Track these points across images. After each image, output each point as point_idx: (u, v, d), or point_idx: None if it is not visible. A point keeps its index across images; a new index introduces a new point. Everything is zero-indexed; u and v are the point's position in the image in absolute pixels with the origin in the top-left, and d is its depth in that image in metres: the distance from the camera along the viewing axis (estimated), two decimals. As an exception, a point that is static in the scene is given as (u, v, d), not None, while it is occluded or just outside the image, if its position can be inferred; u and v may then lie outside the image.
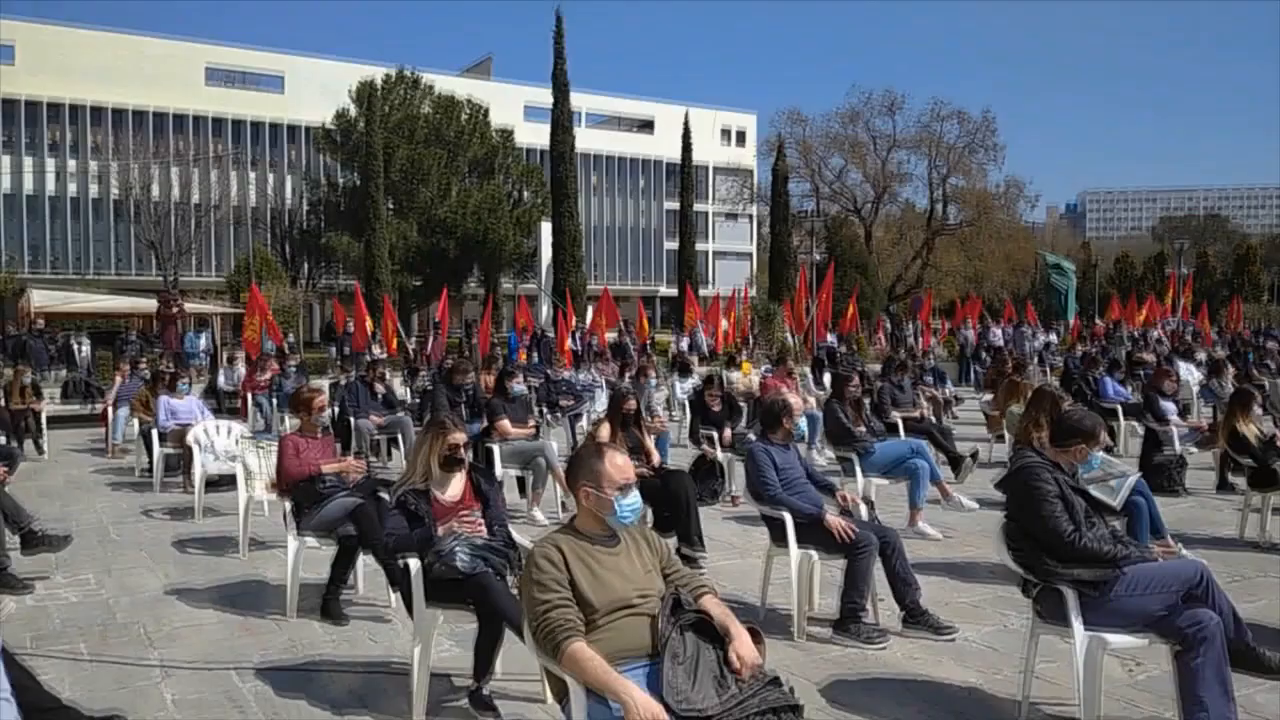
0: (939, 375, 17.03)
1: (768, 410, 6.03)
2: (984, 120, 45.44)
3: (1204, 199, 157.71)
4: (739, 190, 53.80)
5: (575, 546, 3.17)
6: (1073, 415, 4.34)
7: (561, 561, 3.09)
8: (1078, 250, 75.97)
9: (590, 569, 3.13)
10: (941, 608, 5.72)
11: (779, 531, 5.58)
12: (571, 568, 3.09)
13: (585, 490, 3.23)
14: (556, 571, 3.06)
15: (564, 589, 3.04)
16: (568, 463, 3.38)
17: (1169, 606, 3.83)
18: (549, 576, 3.05)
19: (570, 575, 3.07)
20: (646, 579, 3.21)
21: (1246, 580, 6.43)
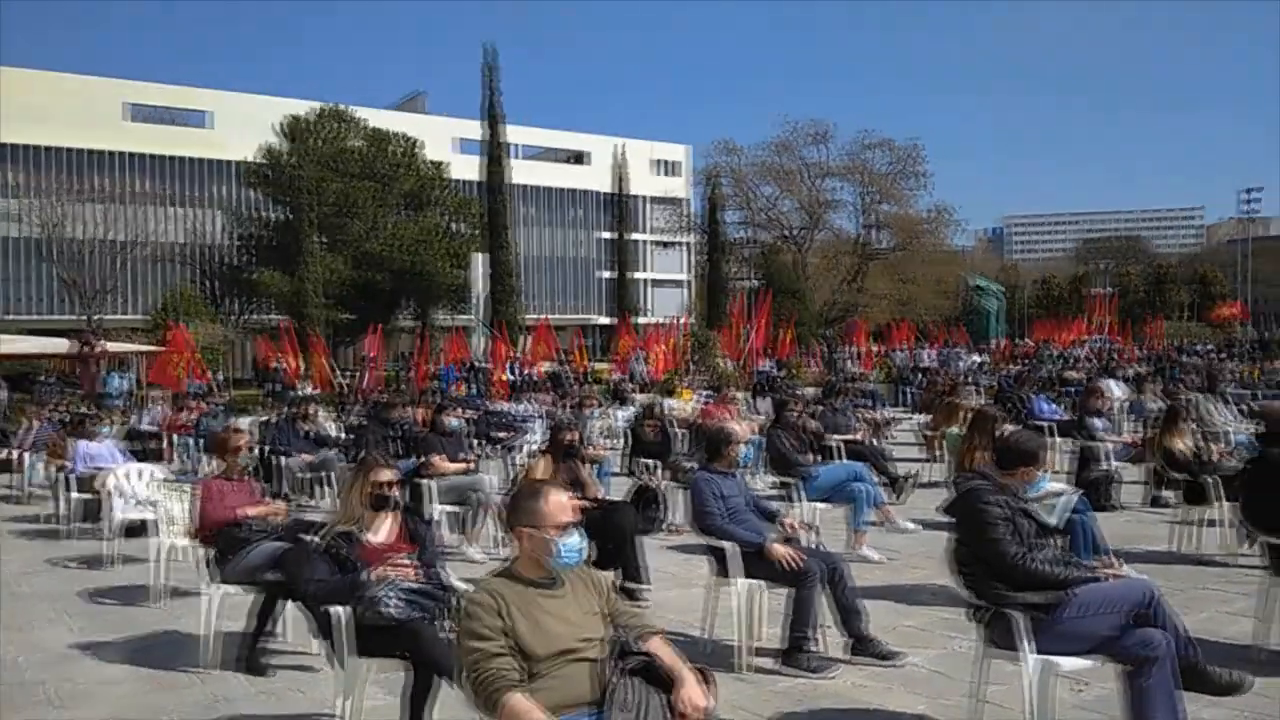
0: (874, 397, 17.17)
1: (711, 439, 5.92)
2: (911, 148, 46.50)
3: (1123, 221, 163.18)
4: (674, 220, 54.12)
5: (514, 591, 3.00)
6: (1017, 438, 4.30)
7: (499, 608, 2.92)
8: (1002, 273, 77.85)
9: (530, 615, 2.95)
10: (888, 633, 5.64)
11: (723, 562, 5.45)
12: (510, 615, 2.92)
13: (524, 532, 3.06)
14: (493, 619, 2.89)
15: (501, 637, 2.87)
16: (506, 503, 3.21)
17: (1118, 628, 3.78)
18: (485, 624, 2.87)
19: (509, 623, 2.90)
20: (589, 623, 3.04)
21: (1184, 594, 6.46)
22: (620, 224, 52.66)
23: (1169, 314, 60.63)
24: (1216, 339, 42.40)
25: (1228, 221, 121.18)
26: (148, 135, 52.77)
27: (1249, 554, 7.24)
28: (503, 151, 40.34)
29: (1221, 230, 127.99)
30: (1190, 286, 72.40)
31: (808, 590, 5.11)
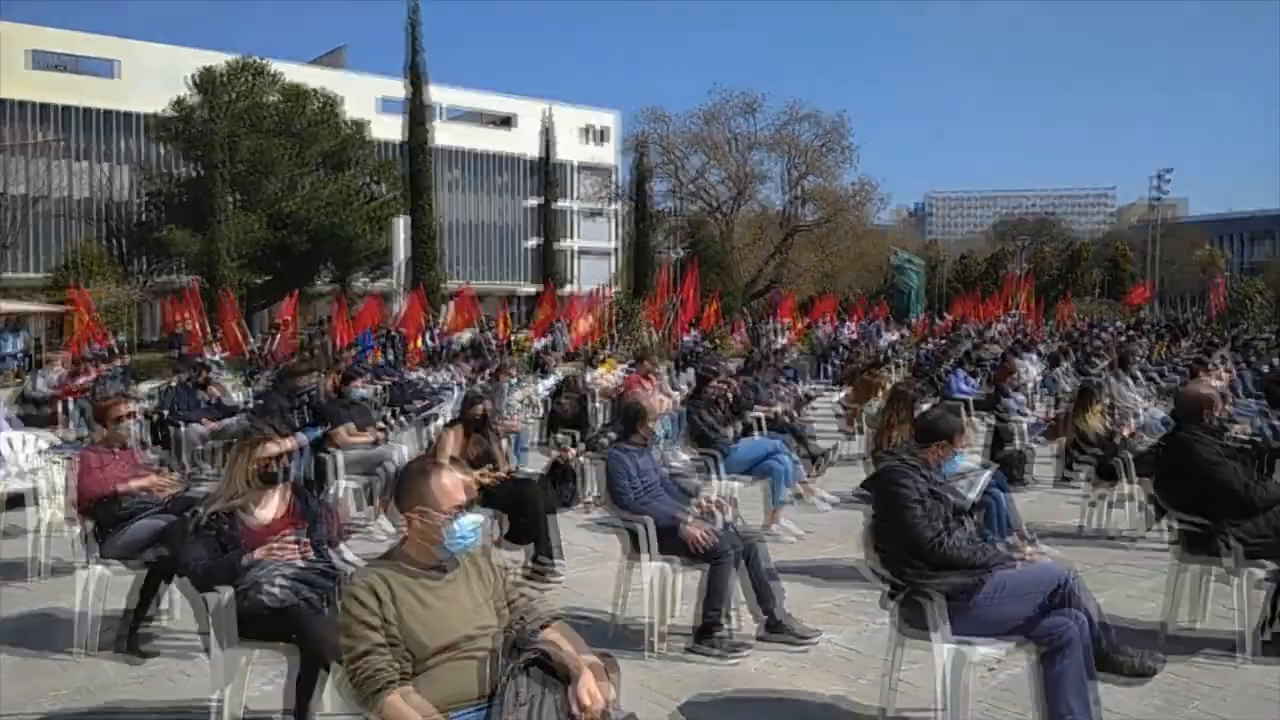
0: (796, 371, 17.19)
1: (626, 414, 5.73)
2: (838, 122, 46.68)
3: (1039, 200, 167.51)
4: (601, 188, 53.61)
5: (399, 579, 2.76)
6: (933, 416, 4.20)
7: (381, 597, 2.68)
8: (924, 249, 79.25)
9: (416, 605, 2.72)
10: (802, 612, 5.55)
11: (636, 540, 5.28)
12: (393, 604, 2.68)
13: (413, 515, 2.82)
14: (374, 610, 2.65)
15: (382, 630, 2.64)
16: (392, 484, 2.96)
17: (1033, 612, 3.72)
18: (364, 616, 2.64)
19: (391, 614, 2.67)
20: (483, 612, 2.83)
21: (1093, 572, 6.49)
22: (547, 191, 51.93)
23: (1082, 293, 62.51)
24: (1126, 318, 43.80)
25: (1138, 203, 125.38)
26: (50, 84, 50.05)
27: (1157, 533, 7.36)
28: (426, 112, 39.29)
29: (1133, 212, 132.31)
30: (1102, 266, 74.64)
31: (722, 570, 4.98)
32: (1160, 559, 6.72)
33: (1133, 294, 43.57)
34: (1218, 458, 4.91)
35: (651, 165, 47.43)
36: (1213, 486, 4.85)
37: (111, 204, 49.58)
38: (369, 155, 45.94)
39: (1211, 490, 4.86)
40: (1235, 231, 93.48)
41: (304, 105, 42.70)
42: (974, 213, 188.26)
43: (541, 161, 53.43)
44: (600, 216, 64.52)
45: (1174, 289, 77.23)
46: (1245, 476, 4.86)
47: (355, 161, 44.82)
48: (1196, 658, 4.78)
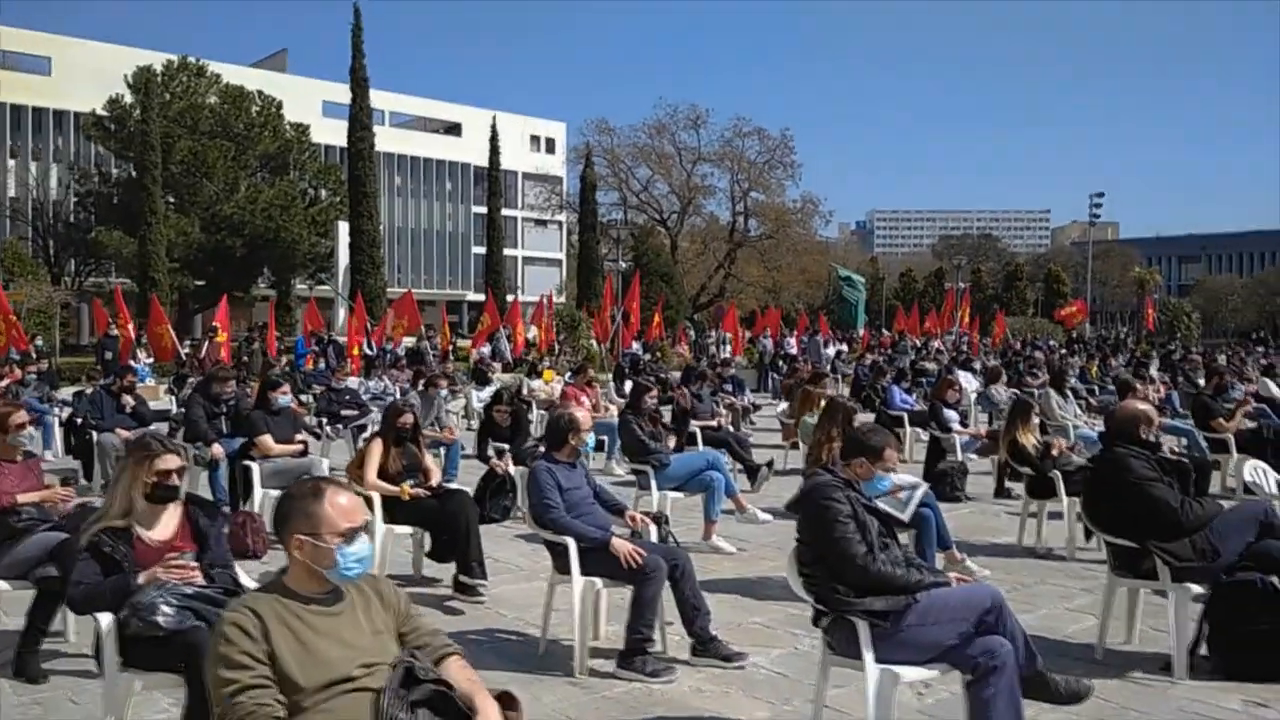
0: (738, 384, 17.13)
1: (553, 426, 5.53)
2: (783, 139, 47.01)
3: (978, 220, 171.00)
4: (548, 197, 53.33)
5: (280, 609, 2.53)
6: (861, 431, 4.08)
7: (258, 630, 2.45)
8: (867, 265, 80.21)
9: (299, 637, 2.50)
10: (732, 631, 5.42)
11: (562, 558, 5.09)
12: (272, 637, 2.46)
13: (299, 540, 2.60)
14: (250, 643, 2.42)
15: (259, 665, 2.41)
16: (279, 505, 2.72)
17: (962, 635, 3.61)
18: (240, 650, 2.41)
19: (270, 647, 2.44)
20: (375, 644, 2.61)
21: (1026, 589, 6.49)
22: (493, 199, 51.46)
23: (1019, 310, 63.70)
24: (1061, 336, 44.66)
25: (1073, 224, 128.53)
26: (-20, 79, 48.54)
27: (1090, 549, 7.36)
28: (368, 116, 38.70)
29: (1067, 232, 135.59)
30: (1038, 285, 76.20)
31: (650, 589, 4.81)
32: (1093, 574, 6.72)
33: (1067, 312, 44.42)
34: (1151, 476, 4.87)
35: (598, 176, 47.29)
36: (1145, 505, 4.81)
37: (42, 203, 48.06)
38: (311, 159, 45.15)
39: (1144, 509, 4.82)
40: (1165, 253, 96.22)
41: (244, 107, 41.83)
42: (916, 230, 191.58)
43: (488, 169, 52.90)
44: (547, 225, 64.26)
45: (1107, 308, 79.19)
46: (1178, 496, 4.82)
47: (297, 165, 44.01)
48: (1129, 677, 4.72)
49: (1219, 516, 4.85)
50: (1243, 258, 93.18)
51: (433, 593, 6.38)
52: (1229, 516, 4.87)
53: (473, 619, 5.82)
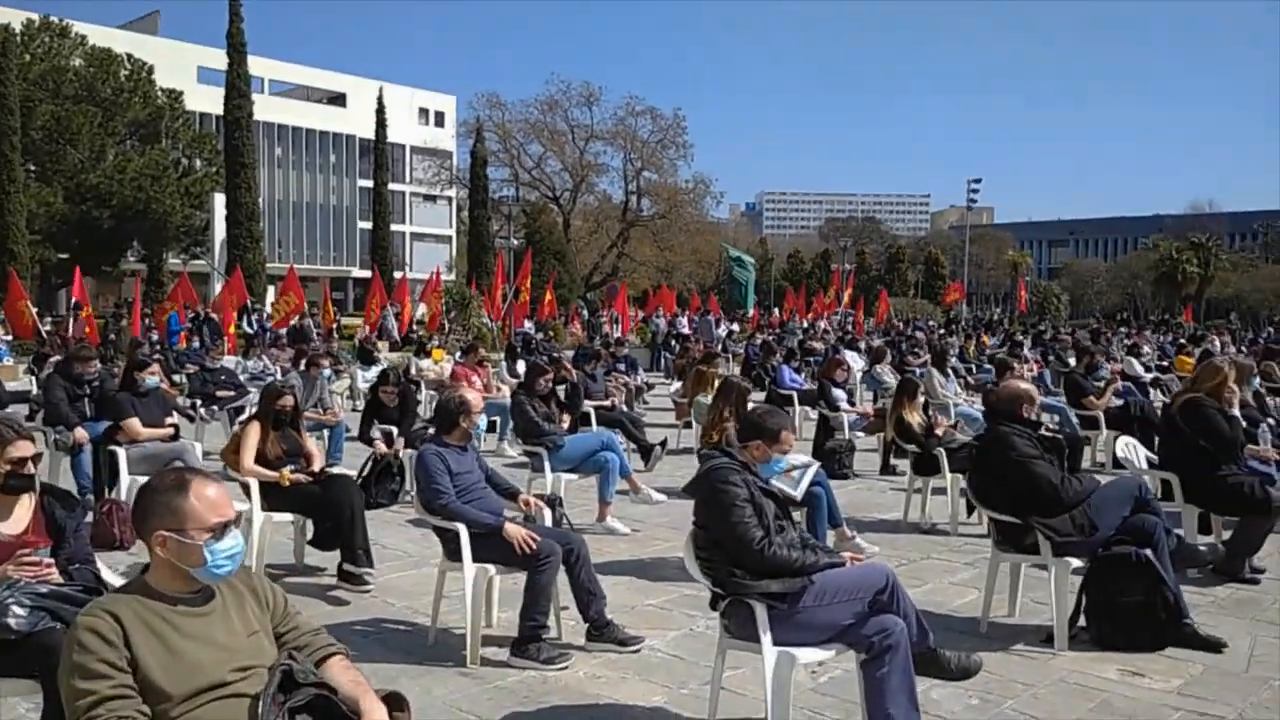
0: (631, 363, 17.12)
1: (443, 409, 5.34)
2: (675, 119, 47.16)
3: (862, 203, 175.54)
4: (437, 172, 52.18)
5: (143, 612, 2.32)
6: (757, 413, 4.04)
7: (117, 635, 2.23)
8: (756, 246, 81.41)
9: (165, 642, 2.29)
10: (628, 614, 5.36)
11: (453, 545, 4.93)
12: (133, 643, 2.24)
13: (163, 536, 2.38)
14: (108, 650, 2.20)
15: (119, 674, 2.19)
16: (138, 499, 2.49)
17: (857, 615, 3.63)
18: (96, 658, 2.19)
19: (131, 653, 2.23)
20: (250, 646, 2.42)
21: (912, 564, 6.63)
22: (379, 172, 50.08)
23: (901, 291, 65.73)
24: (940, 316, 46.27)
25: (951, 209, 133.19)
26: None
27: (972, 524, 7.59)
28: (246, 83, 37.07)
29: (946, 216, 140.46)
30: (919, 267, 78.74)
31: (545, 575, 4.70)
32: (976, 548, 6.92)
33: (946, 293, 46.03)
34: (1034, 454, 5.00)
35: (489, 151, 46.54)
36: (1028, 482, 4.94)
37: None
38: (185, 128, 43.07)
39: (1026, 486, 4.95)
40: (1036, 237, 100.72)
41: (111, 71, 39.58)
42: (803, 213, 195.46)
43: (374, 142, 51.43)
44: (436, 201, 62.98)
45: (982, 289, 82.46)
46: (1059, 473, 4.97)
47: (169, 134, 41.93)
48: (1013, 650, 4.86)
49: (1096, 492, 5.02)
50: (1107, 243, 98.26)
51: (316, 582, 6.13)
52: (1105, 492, 5.05)
53: (359, 609, 5.60)
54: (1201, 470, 6.10)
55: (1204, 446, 6.09)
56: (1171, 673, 4.52)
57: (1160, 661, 4.65)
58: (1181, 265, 62.29)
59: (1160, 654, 4.71)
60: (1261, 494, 5.89)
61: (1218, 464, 6.04)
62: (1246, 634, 5.03)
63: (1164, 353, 22.51)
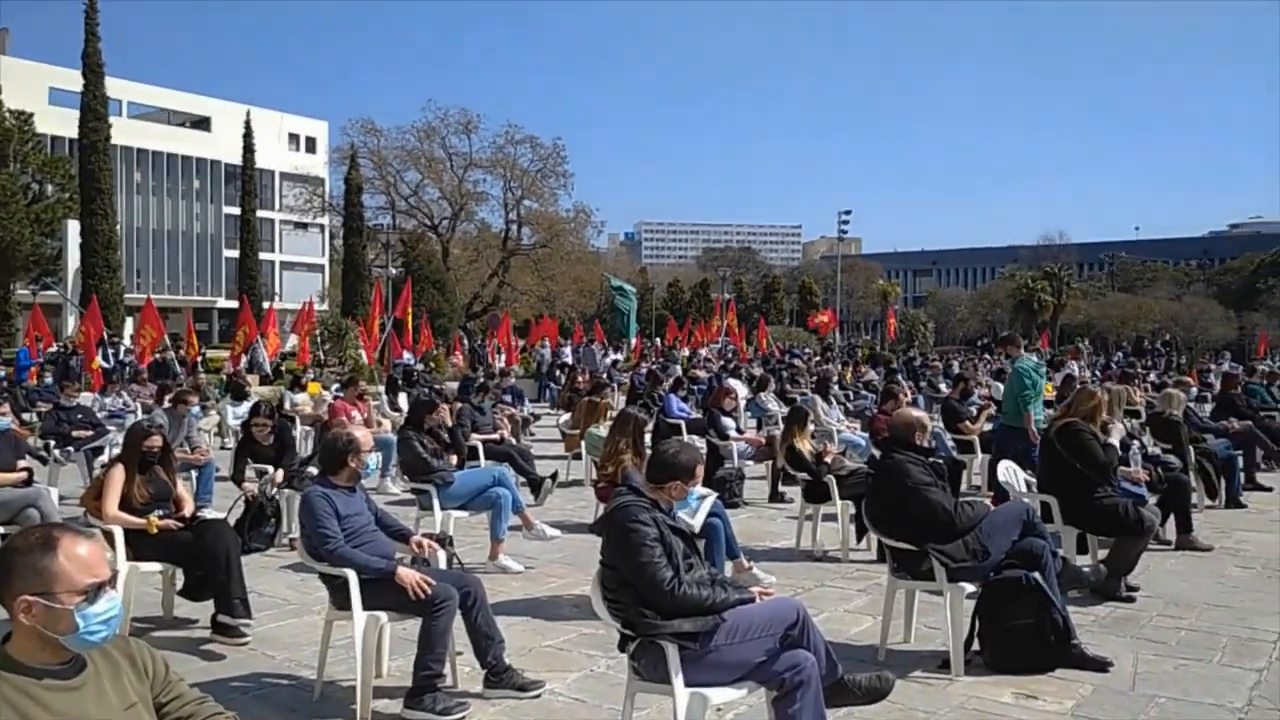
0: (517, 394, 16.89)
1: (329, 449, 5.06)
2: (555, 148, 47.14)
3: (737, 234, 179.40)
4: (309, 199, 50.61)
5: (3, 688, 2.06)
6: (674, 451, 3.96)
7: None
8: (637, 275, 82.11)
9: (28, 719, 2.04)
10: (525, 656, 5.18)
11: (341, 592, 4.66)
12: None
13: (27, 601, 2.12)
14: None
15: None
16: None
17: (768, 651, 3.58)
18: None
19: None
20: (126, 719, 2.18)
21: (807, 592, 6.65)
22: (247, 199, 48.30)
23: (777, 320, 67.30)
24: (815, 344, 47.49)
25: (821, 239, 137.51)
26: None
27: (861, 550, 7.70)
28: (103, 105, 35.28)
29: (817, 247, 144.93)
30: (793, 296, 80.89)
31: (441, 620, 4.48)
32: (868, 574, 7.02)
33: (819, 322, 47.26)
34: (928, 481, 5.09)
35: (364, 178, 45.49)
36: (923, 509, 5.01)
37: None
38: (35, 151, 40.63)
39: (922, 513, 5.03)
40: (902, 267, 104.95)
41: (-50, 89, 37.05)
42: (681, 243, 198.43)
43: (241, 167, 49.64)
44: (308, 229, 61.13)
45: (853, 317, 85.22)
46: (952, 499, 5.07)
47: (18, 157, 39.44)
48: (911, 677, 4.89)
49: (986, 517, 5.14)
50: (968, 272, 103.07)
51: (188, 636, 5.72)
52: (995, 517, 5.17)
53: (236, 663, 5.24)
54: (1079, 493, 6.35)
55: (1081, 470, 6.34)
56: (1063, 694, 4.64)
57: (1052, 683, 4.76)
58: (1037, 293, 65.83)
59: (1051, 675, 4.83)
60: (1135, 515, 6.16)
61: (1094, 486, 6.29)
62: (1129, 652, 5.23)
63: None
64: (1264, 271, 72.43)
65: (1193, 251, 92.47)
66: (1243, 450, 10.85)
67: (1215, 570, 7.17)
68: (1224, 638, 5.52)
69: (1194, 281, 76.49)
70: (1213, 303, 67.28)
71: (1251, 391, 14.88)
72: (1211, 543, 7.89)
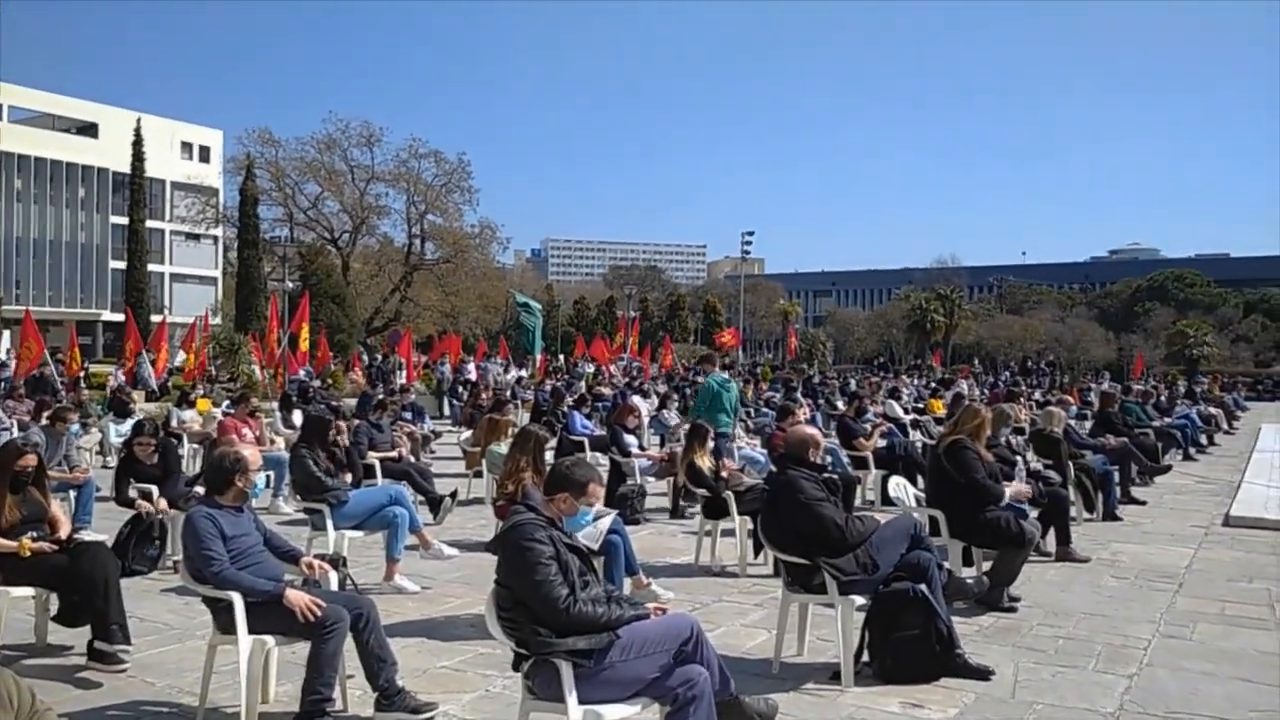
0: (417, 411, 16.63)
1: (216, 467, 4.91)
2: (459, 163, 46.73)
3: (643, 252, 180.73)
4: (202, 209, 48.96)
5: None
6: (564, 464, 3.97)
7: None
8: (543, 292, 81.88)
9: None
10: (420, 678, 5.10)
11: (226, 616, 4.51)
12: None
13: None
14: None
15: None
16: None
17: (662, 667, 3.61)
18: None
19: None
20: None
21: (705, 607, 6.72)
22: (136, 208, 46.49)
23: (682, 338, 67.91)
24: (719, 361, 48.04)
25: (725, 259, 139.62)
26: None
27: (759, 564, 7.81)
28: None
29: (721, 266, 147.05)
30: (698, 314, 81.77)
31: (331, 643, 4.38)
32: (765, 588, 7.13)
33: (718, 337, 47.87)
34: (820, 496, 5.21)
35: (260, 189, 44.26)
36: (816, 524, 5.13)
37: None
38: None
39: (814, 527, 5.14)
40: (802, 287, 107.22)
41: None
42: (588, 260, 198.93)
43: (130, 176, 47.81)
44: (200, 240, 59.16)
45: (755, 336, 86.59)
46: (843, 514, 5.19)
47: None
48: (803, 689, 4.99)
49: (876, 531, 5.28)
50: (866, 293, 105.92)
51: (62, 664, 5.44)
52: (884, 531, 5.32)
53: (113, 691, 5.01)
54: (964, 507, 6.58)
55: (966, 485, 6.57)
56: (947, 702, 4.79)
57: (937, 692, 4.91)
58: (930, 314, 67.97)
59: (937, 684, 4.98)
60: (1017, 528, 6.42)
61: (979, 501, 6.53)
62: (1010, 661, 5.43)
63: (919, 396, 24.37)
64: (1141, 295, 76.48)
65: (1075, 276, 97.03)
66: (1119, 465, 11.41)
67: (1092, 580, 7.50)
68: (1099, 645, 5.78)
69: (1076, 304, 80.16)
70: (1094, 325, 70.59)
71: (1128, 410, 15.71)
72: (1089, 554, 8.26)
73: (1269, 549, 8.77)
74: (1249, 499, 11.37)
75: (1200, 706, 4.77)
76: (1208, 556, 8.48)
